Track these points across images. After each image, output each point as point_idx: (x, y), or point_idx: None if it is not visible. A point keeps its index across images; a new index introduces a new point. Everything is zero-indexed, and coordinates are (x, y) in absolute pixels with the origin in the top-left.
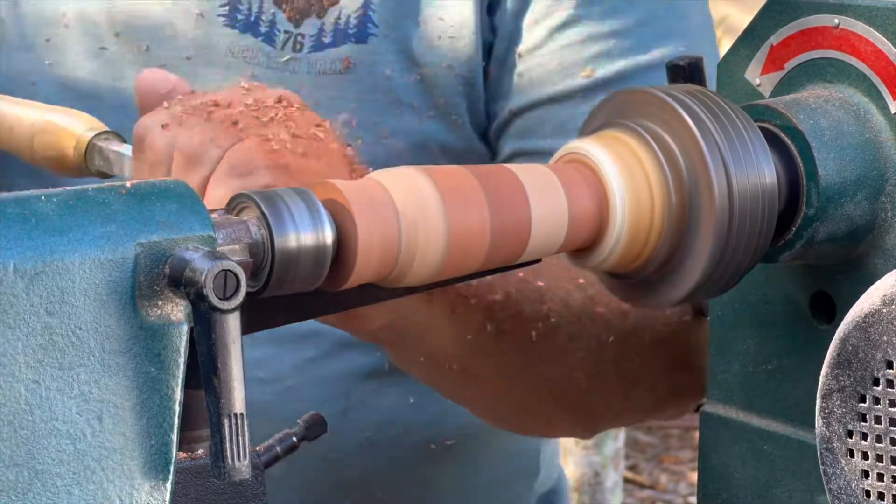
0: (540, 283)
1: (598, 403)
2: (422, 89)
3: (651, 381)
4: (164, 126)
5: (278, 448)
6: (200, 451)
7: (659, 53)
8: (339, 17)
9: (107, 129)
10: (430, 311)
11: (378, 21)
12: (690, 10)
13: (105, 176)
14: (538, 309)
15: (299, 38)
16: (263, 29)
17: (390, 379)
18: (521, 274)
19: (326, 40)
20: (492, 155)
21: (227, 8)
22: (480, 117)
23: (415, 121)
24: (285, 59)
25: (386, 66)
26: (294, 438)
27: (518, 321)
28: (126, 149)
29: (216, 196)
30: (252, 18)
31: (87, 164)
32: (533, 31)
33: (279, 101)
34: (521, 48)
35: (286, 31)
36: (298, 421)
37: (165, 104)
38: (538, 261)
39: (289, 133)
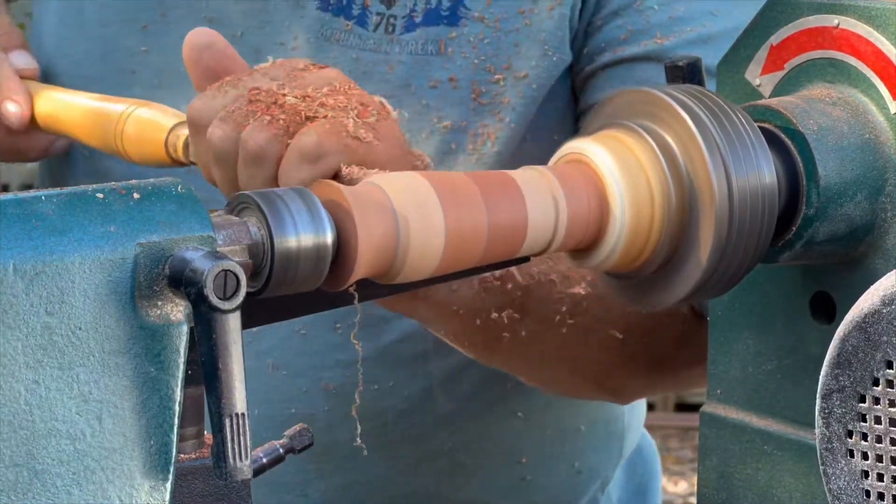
0: (565, 266)
1: (625, 382)
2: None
3: (677, 369)
4: (222, 119)
5: (264, 459)
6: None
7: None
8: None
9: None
10: (457, 288)
11: (470, 5)
12: None
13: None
14: (565, 290)
15: (391, 19)
16: (356, 11)
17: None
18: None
19: (417, 20)
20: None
21: None
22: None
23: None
24: (377, 41)
25: (476, 49)
26: (280, 450)
27: (544, 301)
28: None
29: (290, 185)
30: (344, 1)
31: (183, 155)
32: None
33: (332, 88)
34: None
35: (378, 13)
36: (285, 434)
37: (217, 85)
38: (527, 259)
39: (352, 115)
